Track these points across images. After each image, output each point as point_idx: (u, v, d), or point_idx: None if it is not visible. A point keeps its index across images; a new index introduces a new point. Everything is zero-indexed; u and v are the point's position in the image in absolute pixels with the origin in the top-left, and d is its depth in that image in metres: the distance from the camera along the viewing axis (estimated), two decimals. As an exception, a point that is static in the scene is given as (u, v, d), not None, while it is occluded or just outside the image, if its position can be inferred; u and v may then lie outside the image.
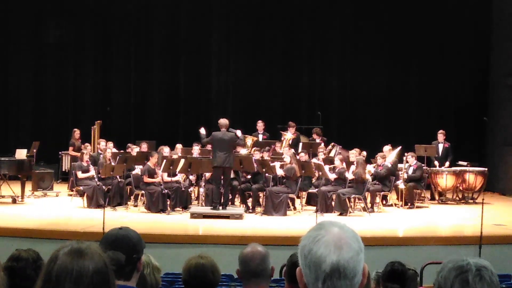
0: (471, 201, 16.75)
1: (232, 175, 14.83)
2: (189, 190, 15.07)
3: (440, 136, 17.35)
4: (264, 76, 21.31)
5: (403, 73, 21.04)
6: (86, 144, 16.39)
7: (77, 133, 17.84)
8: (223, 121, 13.84)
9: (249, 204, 14.83)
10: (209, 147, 15.01)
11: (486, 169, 17.06)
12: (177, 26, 21.38)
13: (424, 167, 16.31)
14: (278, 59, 21.33)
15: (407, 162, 15.97)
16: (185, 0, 21.34)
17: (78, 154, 16.28)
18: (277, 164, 14.69)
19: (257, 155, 15.02)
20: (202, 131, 14.16)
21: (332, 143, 17.37)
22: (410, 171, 15.84)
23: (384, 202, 16.01)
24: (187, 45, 21.32)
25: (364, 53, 21.11)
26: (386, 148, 16.11)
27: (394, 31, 20.87)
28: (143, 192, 14.51)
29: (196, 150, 15.65)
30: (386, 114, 20.90)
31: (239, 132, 14.15)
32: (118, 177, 14.93)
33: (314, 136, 17.66)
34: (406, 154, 16.11)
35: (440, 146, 17.26)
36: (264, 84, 21.31)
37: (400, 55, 20.94)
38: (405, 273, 5.34)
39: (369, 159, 16.11)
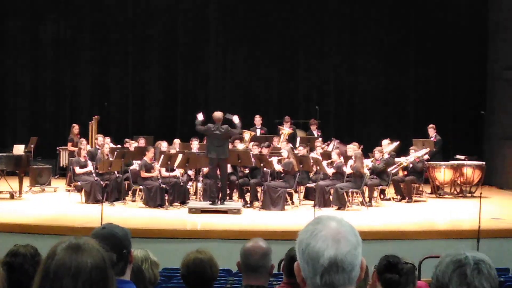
0: (469, 195, 16.77)
1: (230, 170, 14.84)
2: (188, 185, 15.08)
3: (431, 130, 17.34)
4: (262, 70, 21.30)
5: (400, 67, 21.02)
6: (82, 139, 16.38)
7: (75, 128, 17.83)
8: (217, 114, 13.85)
9: (247, 198, 14.84)
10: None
11: (483, 163, 17.06)
12: (175, 21, 21.35)
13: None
14: (275, 54, 21.30)
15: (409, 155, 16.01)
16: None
17: (76, 149, 16.28)
18: (274, 159, 14.69)
19: (255, 150, 15.02)
20: (200, 116, 14.04)
21: (332, 138, 17.40)
22: (411, 159, 15.87)
23: (382, 196, 16.04)
24: (185, 40, 21.29)
25: (361, 47, 21.11)
26: (385, 142, 16.13)
27: (392, 25, 20.86)
28: (141, 187, 14.51)
29: (195, 145, 15.65)
30: (383, 109, 20.91)
31: (236, 118, 14.11)
32: (116, 172, 14.93)
33: (312, 127, 17.73)
34: (410, 148, 16.17)
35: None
36: (261, 79, 21.32)
37: (398, 50, 20.93)
38: (400, 266, 5.37)
39: (366, 154, 16.11)
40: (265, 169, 14.72)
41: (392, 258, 5.36)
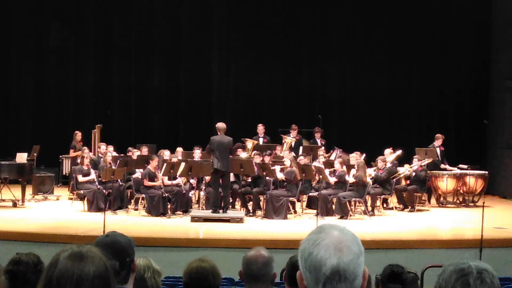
0: (472, 204, 16.75)
1: (232, 179, 14.83)
2: (190, 193, 15.07)
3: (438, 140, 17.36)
4: (265, 79, 21.33)
5: (403, 76, 21.07)
6: (84, 147, 16.39)
7: (78, 135, 17.82)
8: (221, 125, 13.88)
9: (250, 207, 14.82)
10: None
11: (486, 172, 17.06)
12: (178, 30, 21.41)
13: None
14: (278, 63, 21.36)
15: (412, 163, 16.01)
16: (186, 3, 21.37)
17: (79, 153, 16.30)
18: (277, 168, 14.68)
19: (257, 159, 15.01)
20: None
21: (335, 147, 17.42)
22: (414, 167, 15.87)
23: (384, 205, 16.02)
24: (188, 49, 21.34)
25: (364, 57, 21.15)
26: (387, 151, 16.11)
27: (394, 35, 20.89)
28: (143, 195, 14.50)
29: (197, 153, 15.66)
30: (386, 117, 20.93)
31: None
32: (118, 180, 14.92)
33: (316, 135, 17.75)
34: (414, 157, 16.17)
35: (438, 150, 17.28)
36: (264, 88, 21.35)
37: (400, 59, 20.97)
38: (404, 276, 5.36)
39: (369, 162, 16.09)
40: (267, 177, 14.71)
41: (396, 268, 5.35)
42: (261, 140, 17.46)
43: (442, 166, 17.13)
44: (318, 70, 21.52)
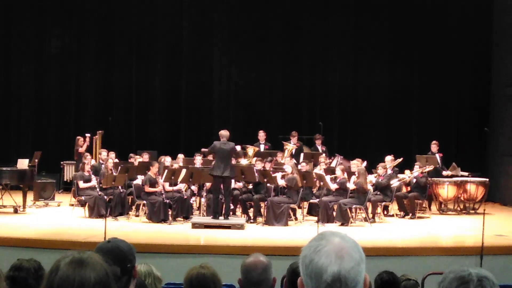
0: (472, 211, 16.72)
1: (233, 185, 14.83)
2: (191, 200, 15.07)
3: (434, 146, 17.36)
4: (266, 86, 21.37)
5: (404, 83, 21.07)
6: (86, 154, 16.39)
7: (80, 140, 17.81)
8: (224, 133, 13.88)
9: (251, 214, 14.82)
10: (210, 157, 15.01)
11: (487, 179, 17.04)
12: (179, 37, 21.44)
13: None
14: (279, 69, 21.38)
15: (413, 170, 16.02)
16: (186, 11, 21.40)
17: (82, 151, 16.34)
18: (278, 175, 14.69)
19: (258, 165, 15.02)
20: None
21: (336, 154, 17.42)
22: (415, 173, 15.86)
23: (385, 212, 16.01)
24: (189, 56, 21.37)
25: (365, 64, 21.19)
26: (388, 158, 16.10)
27: (395, 43, 20.92)
28: (144, 202, 14.50)
29: (198, 160, 15.66)
30: (387, 125, 20.93)
31: (238, 147, 14.26)
32: (119, 187, 14.93)
33: (317, 142, 17.75)
34: (415, 164, 16.18)
35: (437, 157, 17.28)
36: (265, 94, 21.38)
37: (401, 66, 20.99)
38: (396, 280, 5.33)
39: (370, 169, 16.09)
40: (268, 184, 14.71)
41: (385, 276, 5.30)
42: (262, 147, 17.46)
43: (444, 173, 17.12)
44: (319, 77, 21.54)
